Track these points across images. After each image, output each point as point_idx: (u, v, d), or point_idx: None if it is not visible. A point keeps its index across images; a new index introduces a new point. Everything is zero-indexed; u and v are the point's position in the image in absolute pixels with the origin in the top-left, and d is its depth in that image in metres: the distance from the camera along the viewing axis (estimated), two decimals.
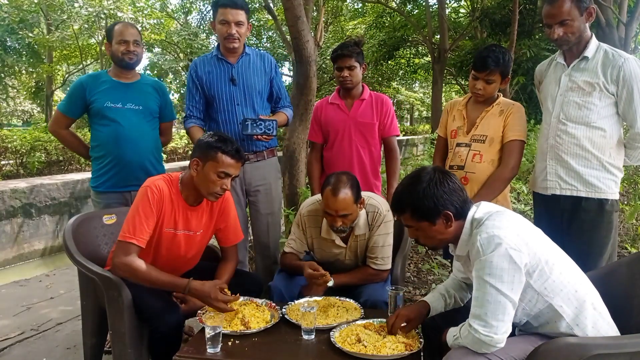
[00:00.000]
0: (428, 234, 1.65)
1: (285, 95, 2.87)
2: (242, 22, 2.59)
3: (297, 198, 3.76)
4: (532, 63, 8.62)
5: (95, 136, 2.73)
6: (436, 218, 1.60)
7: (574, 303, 1.52)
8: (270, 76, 2.77)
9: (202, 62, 2.73)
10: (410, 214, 1.63)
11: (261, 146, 2.73)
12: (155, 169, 2.80)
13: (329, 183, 2.16)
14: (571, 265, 1.61)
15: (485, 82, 2.38)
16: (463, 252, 1.66)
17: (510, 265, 1.45)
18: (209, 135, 2.10)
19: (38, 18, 13.47)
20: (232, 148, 2.04)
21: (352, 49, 2.69)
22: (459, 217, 1.62)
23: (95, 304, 2.24)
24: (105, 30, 3.00)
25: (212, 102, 2.69)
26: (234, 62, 2.68)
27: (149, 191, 2.04)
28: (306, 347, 1.77)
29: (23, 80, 18.53)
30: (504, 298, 1.44)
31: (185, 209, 2.14)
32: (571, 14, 2.06)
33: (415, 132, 26.02)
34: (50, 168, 8.47)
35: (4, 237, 5.11)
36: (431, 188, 1.59)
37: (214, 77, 2.68)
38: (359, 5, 17.99)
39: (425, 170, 1.66)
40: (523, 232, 1.53)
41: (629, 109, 2.09)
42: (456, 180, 1.65)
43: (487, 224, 1.54)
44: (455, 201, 1.60)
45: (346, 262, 2.41)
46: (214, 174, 2.02)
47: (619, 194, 2.22)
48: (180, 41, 14.94)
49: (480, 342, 1.45)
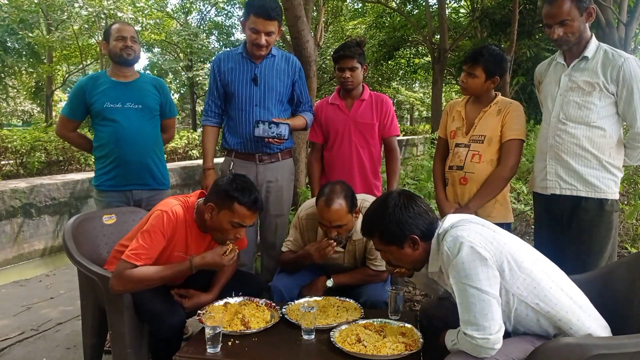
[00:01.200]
0: (397, 257, 1.70)
1: (307, 99, 2.84)
2: (272, 32, 2.54)
3: (297, 198, 3.76)
4: (532, 63, 8.62)
5: (97, 136, 2.75)
6: (403, 242, 1.64)
7: (551, 299, 1.51)
8: (293, 79, 2.75)
9: (227, 57, 2.69)
10: (378, 238, 1.69)
11: (275, 148, 2.70)
12: (157, 167, 2.81)
13: (323, 194, 2.16)
14: (544, 261, 1.61)
15: (468, 75, 2.40)
16: (435, 268, 1.67)
17: (480, 262, 1.47)
18: (228, 181, 2.00)
19: (38, 18, 13.45)
20: (250, 199, 1.96)
21: (354, 50, 2.68)
22: (426, 239, 1.65)
23: (95, 304, 2.24)
24: (103, 32, 2.99)
25: (232, 99, 2.68)
26: (258, 62, 2.66)
27: (165, 217, 1.98)
28: (306, 347, 1.78)
29: (23, 80, 18.52)
30: (486, 296, 1.45)
31: (198, 236, 2.12)
32: (571, 14, 2.06)
33: (415, 132, 26.00)
34: (50, 168, 8.46)
35: (4, 237, 5.11)
36: (396, 214, 1.63)
37: (236, 75, 2.65)
38: (359, 5, 17.99)
39: (391, 196, 1.71)
40: (485, 233, 1.55)
41: (628, 109, 2.09)
42: (421, 204, 1.68)
43: (450, 231, 1.57)
44: (421, 224, 1.63)
45: (345, 265, 2.41)
46: (228, 222, 1.97)
47: (618, 194, 2.22)
48: (180, 41, 14.96)
49: (479, 347, 1.45)
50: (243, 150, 2.69)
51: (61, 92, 19.62)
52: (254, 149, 2.67)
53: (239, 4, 17.58)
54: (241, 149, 2.68)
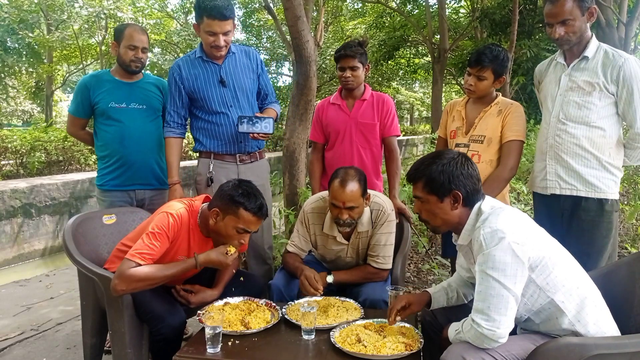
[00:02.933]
0: (433, 210, 1.66)
1: (271, 90, 2.83)
2: (229, 31, 2.49)
3: (297, 198, 3.76)
4: (532, 63, 8.61)
5: (101, 135, 2.75)
6: (445, 195, 1.62)
7: (575, 299, 1.52)
8: (257, 73, 2.72)
9: (186, 64, 2.61)
10: (422, 184, 1.65)
11: (254, 147, 2.71)
12: (160, 167, 2.81)
13: (338, 175, 2.17)
14: (573, 262, 1.61)
15: (477, 79, 2.37)
16: (465, 241, 1.66)
17: (513, 259, 1.45)
18: (234, 187, 1.99)
19: (38, 18, 13.46)
20: (256, 205, 1.95)
21: (356, 49, 2.66)
22: (466, 204, 1.63)
23: (95, 304, 2.24)
24: (114, 29, 2.95)
25: (202, 105, 2.62)
26: (220, 63, 2.61)
27: (171, 219, 1.98)
28: (306, 347, 1.77)
29: (23, 80, 18.53)
30: (506, 292, 1.44)
31: (201, 240, 2.12)
32: (573, 13, 2.07)
33: (415, 132, 26.03)
34: (50, 168, 8.46)
35: (4, 237, 5.11)
36: (450, 166, 1.61)
37: (202, 80, 2.59)
38: (359, 5, 18.01)
39: (450, 151, 1.70)
40: (526, 228, 1.54)
41: (628, 109, 2.09)
42: (476, 169, 1.66)
43: (491, 219, 1.54)
44: (468, 186, 1.61)
45: (347, 259, 2.41)
46: (233, 228, 1.96)
47: (618, 194, 2.22)
48: (180, 41, 14.96)
49: (483, 337, 1.45)
50: (223, 152, 2.66)
51: (61, 92, 19.63)
52: (234, 149, 2.66)
53: (239, 4, 17.58)
54: (220, 151, 2.65)
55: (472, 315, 1.50)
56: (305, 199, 3.67)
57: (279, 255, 3.22)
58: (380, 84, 18.75)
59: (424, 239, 4.26)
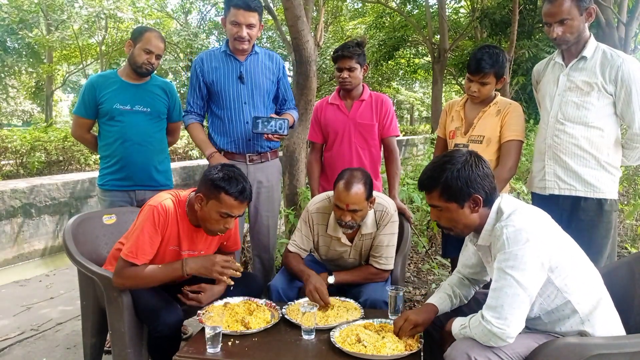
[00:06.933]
0: (452, 217, 1.61)
1: (291, 97, 2.86)
2: (254, 25, 2.53)
3: (297, 198, 3.76)
4: (532, 63, 8.60)
5: (103, 135, 2.76)
6: (465, 201, 1.57)
7: (591, 300, 1.51)
8: (278, 77, 2.76)
9: (209, 57, 2.67)
10: (439, 192, 1.59)
11: (265, 147, 2.72)
12: (161, 169, 2.82)
13: (343, 177, 2.16)
14: (587, 262, 1.61)
15: (480, 85, 2.36)
16: (486, 242, 1.62)
17: (535, 260, 1.44)
18: (216, 171, 1.98)
19: (38, 18, 13.47)
20: (237, 189, 1.94)
21: (354, 50, 2.65)
22: (486, 204, 1.59)
23: (95, 304, 2.24)
24: (134, 28, 2.95)
25: (218, 99, 2.66)
26: (242, 60, 2.65)
27: (155, 212, 1.99)
28: (306, 347, 1.77)
29: (23, 80, 18.54)
30: (523, 292, 1.43)
31: (191, 230, 2.12)
32: (571, 13, 2.07)
33: (415, 132, 26.00)
34: (50, 168, 8.46)
35: (4, 237, 5.11)
36: (466, 170, 1.56)
37: (221, 74, 2.64)
38: (359, 5, 18.00)
39: (459, 152, 1.63)
40: (548, 228, 1.54)
41: (627, 109, 2.09)
42: (489, 166, 1.63)
43: (514, 218, 1.52)
44: (487, 186, 1.58)
45: (349, 260, 2.41)
46: (217, 213, 1.96)
47: (618, 194, 2.22)
48: (180, 41, 14.94)
49: (491, 334, 1.43)
50: (233, 150, 2.67)
51: (61, 92, 19.63)
52: (245, 149, 2.67)
53: None
54: (231, 149, 2.67)
55: (482, 311, 1.48)
56: (305, 198, 3.67)
57: (279, 255, 3.22)
58: (380, 84, 18.75)
59: (424, 239, 4.26)
